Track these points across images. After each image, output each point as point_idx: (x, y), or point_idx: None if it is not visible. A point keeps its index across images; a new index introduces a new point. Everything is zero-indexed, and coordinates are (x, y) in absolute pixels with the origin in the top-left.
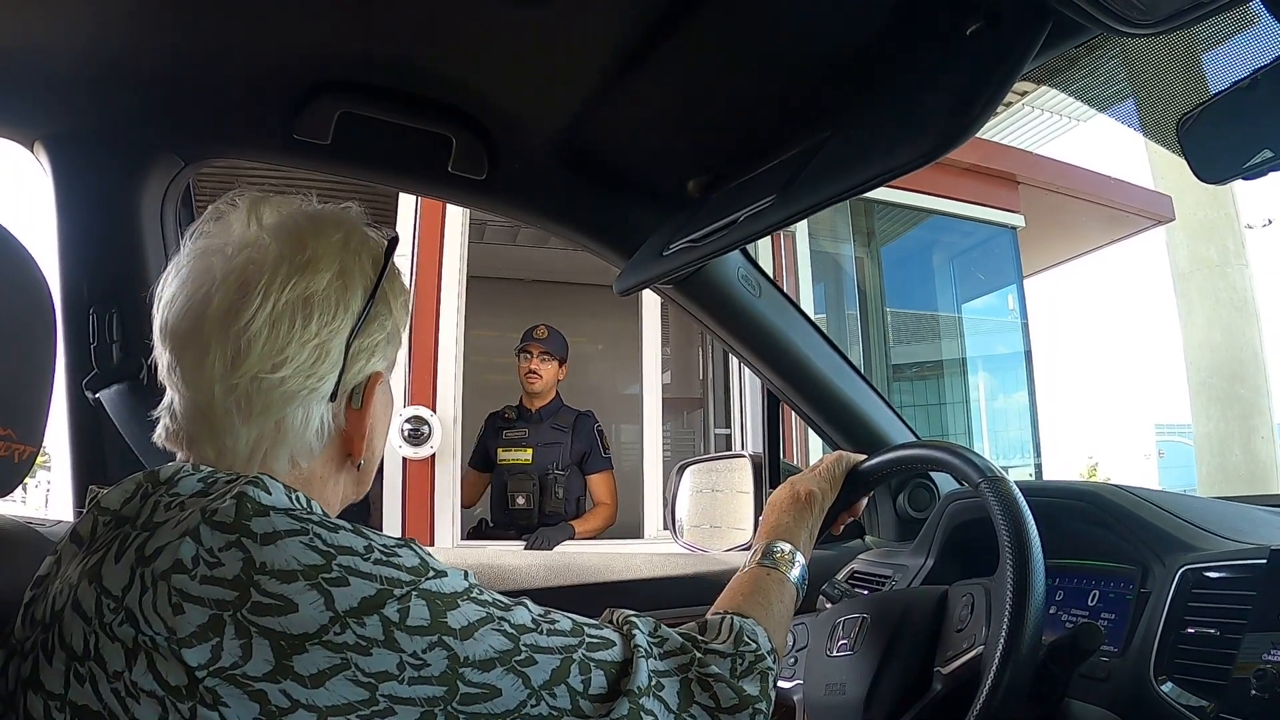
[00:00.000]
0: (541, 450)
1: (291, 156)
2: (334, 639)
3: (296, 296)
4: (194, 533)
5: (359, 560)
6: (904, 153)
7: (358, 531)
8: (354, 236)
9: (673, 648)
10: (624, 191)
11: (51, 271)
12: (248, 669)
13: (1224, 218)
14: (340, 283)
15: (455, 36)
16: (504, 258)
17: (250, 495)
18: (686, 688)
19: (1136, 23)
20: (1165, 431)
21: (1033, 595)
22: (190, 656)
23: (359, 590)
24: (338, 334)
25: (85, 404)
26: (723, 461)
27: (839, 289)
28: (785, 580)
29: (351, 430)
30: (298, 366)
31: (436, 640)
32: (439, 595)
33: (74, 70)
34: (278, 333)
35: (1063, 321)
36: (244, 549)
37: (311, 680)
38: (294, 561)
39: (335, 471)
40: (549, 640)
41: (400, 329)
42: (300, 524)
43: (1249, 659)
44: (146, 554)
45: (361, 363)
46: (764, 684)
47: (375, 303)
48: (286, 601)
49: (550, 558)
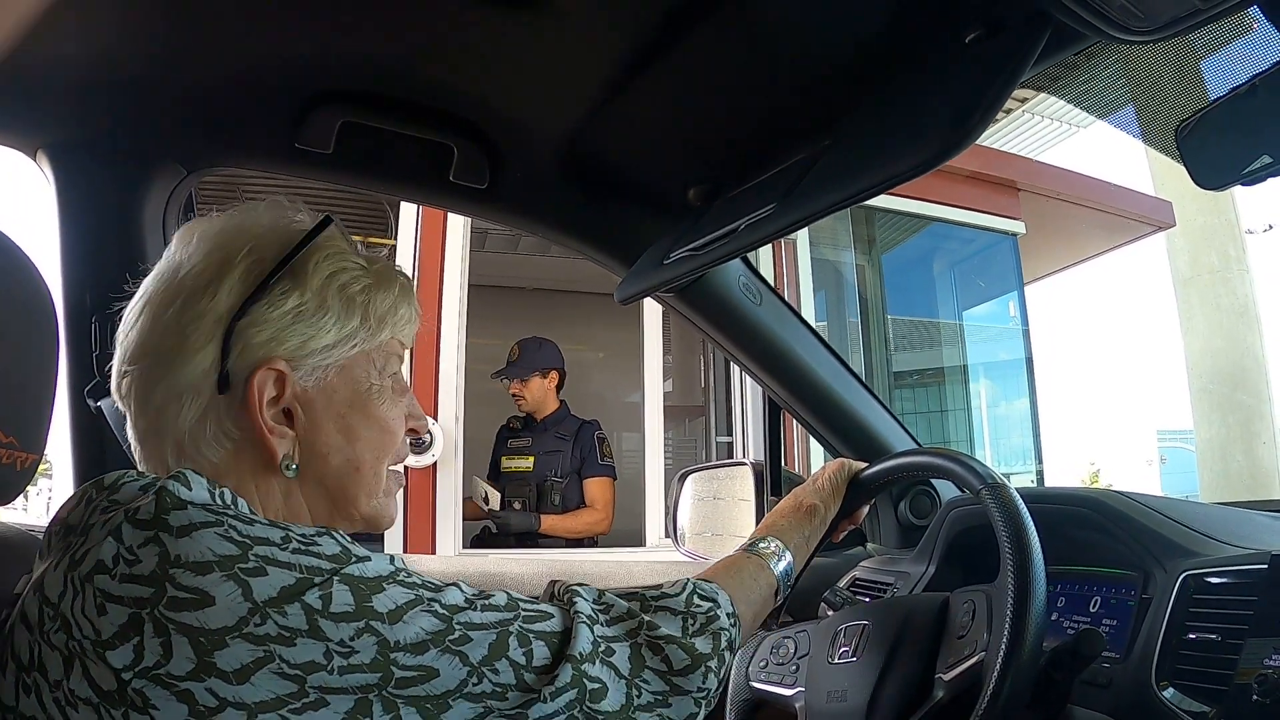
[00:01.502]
0: (543, 458)
1: (294, 166)
2: (255, 631)
3: (163, 287)
4: (115, 532)
5: (276, 550)
6: (903, 161)
7: (275, 524)
8: (257, 224)
9: (620, 613)
10: (625, 200)
11: (54, 280)
12: (170, 668)
13: (1224, 223)
14: (218, 266)
15: (456, 46)
16: (505, 266)
17: (169, 490)
18: (637, 652)
19: (1135, 29)
20: (1167, 438)
21: (1034, 602)
22: (114, 659)
23: (278, 579)
24: (203, 316)
25: (87, 412)
26: (724, 469)
27: (840, 296)
28: (765, 566)
29: (252, 424)
30: (159, 354)
31: (364, 625)
32: (362, 580)
33: (77, 79)
34: (141, 325)
35: (1064, 328)
36: (160, 543)
37: (236, 676)
38: (209, 553)
39: (267, 477)
40: (483, 617)
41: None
42: (216, 516)
43: (1251, 664)
44: (77, 558)
45: (241, 345)
46: (716, 643)
47: (277, 281)
48: (203, 595)
49: (552, 565)
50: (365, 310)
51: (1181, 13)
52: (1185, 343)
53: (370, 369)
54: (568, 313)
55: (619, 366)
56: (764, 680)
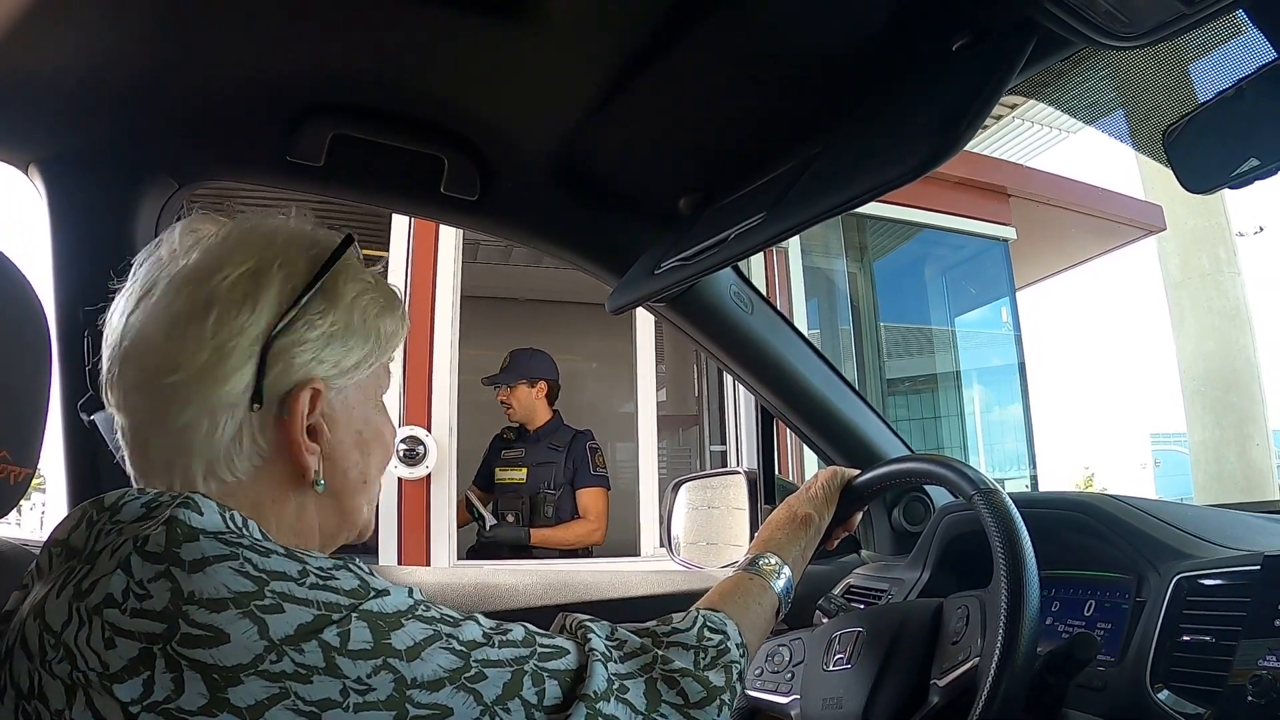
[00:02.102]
0: (536, 470)
1: (285, 178)
2: (270, 668)
3: (197, 297)
4: (125, 565)
5: (293, 585)
6: (892, 168)
7: (292, 555)
8: (283, 235)
9: (633, 648)
10: (615, 210)
11: (46, 293)
12: (181, 703)
13: (1215, 226)
14: (252, 280)
15: (447, 58)
16: (497, 277)
17: (180, 519)
18: (653, 687)
19: (1121, 35)
20: (1161, 441)
21: (1027, 606)
22: (121, 692)
23: (295, 617)
24: (241, 333)
25: (80, 426)
26: (718, 478)
27: (832, 304)
28: (767, 587)
29: (287, 442)
30: (194, 369)
31: (381, 663)
32: (381, 616)
33: (68, 93)
34: (172, 336)
35: (1057, 333)
36: (172, 579)
37: (250, 712)
38: (224, 589)
39: (284, 493)
40: (499, 653)
41: (366, 331)
42: (230, 548)
43: (1245, 666)
44: (83, 588)
45: (282, 365)
46: (729, 675)
47: (310, 300)
48: (217, 632)
49: (546, 576)
50: (378, 332)
51: (1166, 18)
52: (1177, 346)
53: (376, 386)
54: (560, 323)
55: (612, 376)
56: (759, 688)
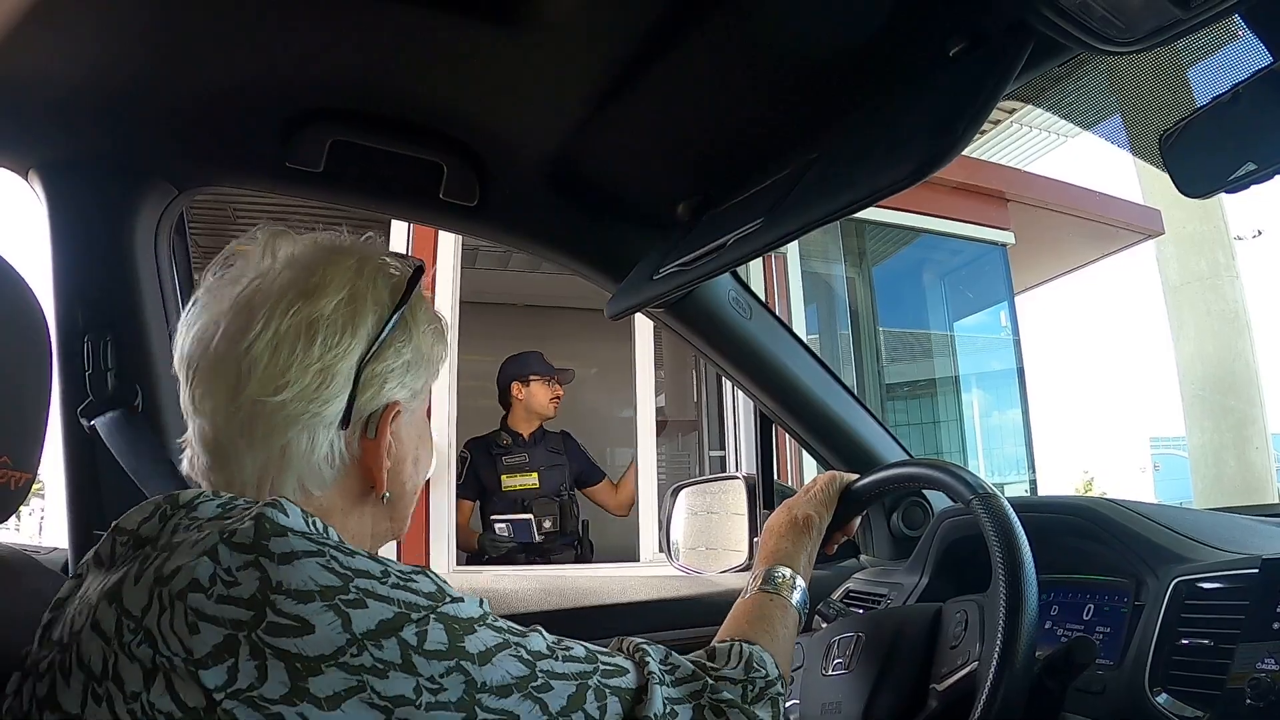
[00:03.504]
0: (546, 473)
1: (284, 184)
2: (351, 661)
3: (300, 320)
4: (212, 552)
5: (376, 584)
6: (889, 174)
7: (374, 557)
8: (369, 264)
9: (684, 675)
10: (614, 216)
11: (46, 299)
12: (264, 691)
13: (1213, 230)
14: (350, 307)
15: (445, 64)
16: (496, 283)
17: (269, 516)
18: (700, 714)
19: (1117, 41)
20: (1160, 445)
21: (1025, 610)
22: (207, 678)
23: (377, 613)
24: (344, 358)
25: (80, 431)
26: (717, 483)
27: (831, 309)
28: (788, 606)
29: (369, 460)
30: (300, 390)
31: (454, 665)
32: (456, 620)
33: (68, 99)
34: (279, 356)
35: (1055, 338)
36: (261, 568)
37: (328, 703)
38: (311, 582)
39: (356, 504)
40: (564, 667)
41: (429, 358)
42: (318, 546)
43: (1243, 669)
44: (165, 574)
45: (374, 389)
46: (775, 709)
47: (393, 329)
48: (303, 623)
49: (546, 581)
50: (435, 359)
51: (1162, 23)
52: (1176, 349)
53: (424, 407)
54: (559, 329)
55: (611, 382)
56: None
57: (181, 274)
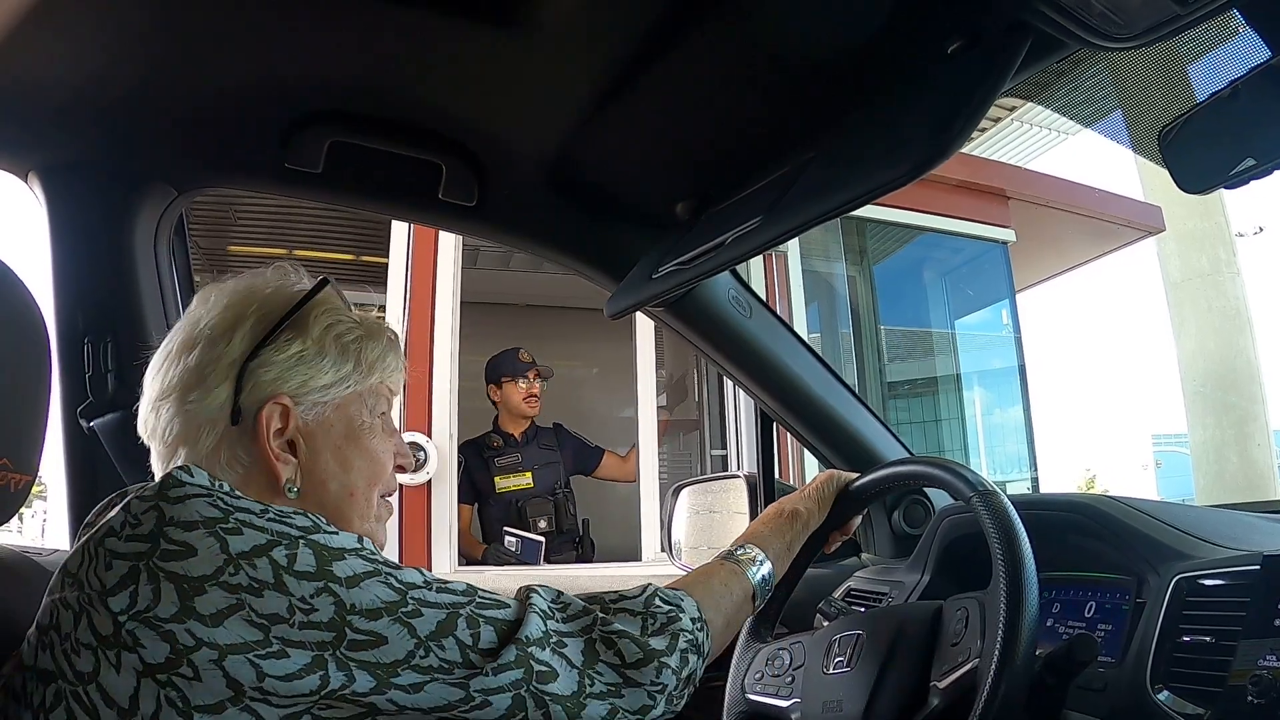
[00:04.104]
0: (540, 471)
1: (283, 185)
2: (229, 580)
3: (185, 337)
4: (125, 506)
5: (254, 517)
6: (887, 171)
7: (259, 502)
8: (263, 282)
9: (575, 611)
10: (613, 215)
11: (46, 301)
12: (158, 611)
13: (1214, 226)
14: (229, 315)
15: (444, 65)
16: (497, 283)
17: (174, 474)
18: (591, 646)
19: (1115, 37)
20: (1162, 442)
21: (1026, 607)
22: (114, 604)
23: (251, 538)
24: (219, 360)
25: (80, 433)
26: (718, 482)
27: (832, 308)
28: (739, 573)
29: (260, 453)
30: (179, 392)
31: (323, 586)
32: (326, 547)
33: (67, 102)
34: (166, 366)
35: (1057, 335)
36: (159, 509)
37: (211, 619)
38: (197, 514)
39: (267, 498)
40: (437, 597)
41: (331, 354)
42: (209, 491)
43: (1245, 666)
44: (96, 534)
45: (252, 384)
46: (674, 642)
47: (282, 329)
48: (188, 547)
49: (550, 581)
50: (358, 356)
51: (1161, 19)
52: (1178, 346)
53: (362, 408)
54: (560, 329)
55: (612, 382)
56: (760, 692)
57: (181, 276)
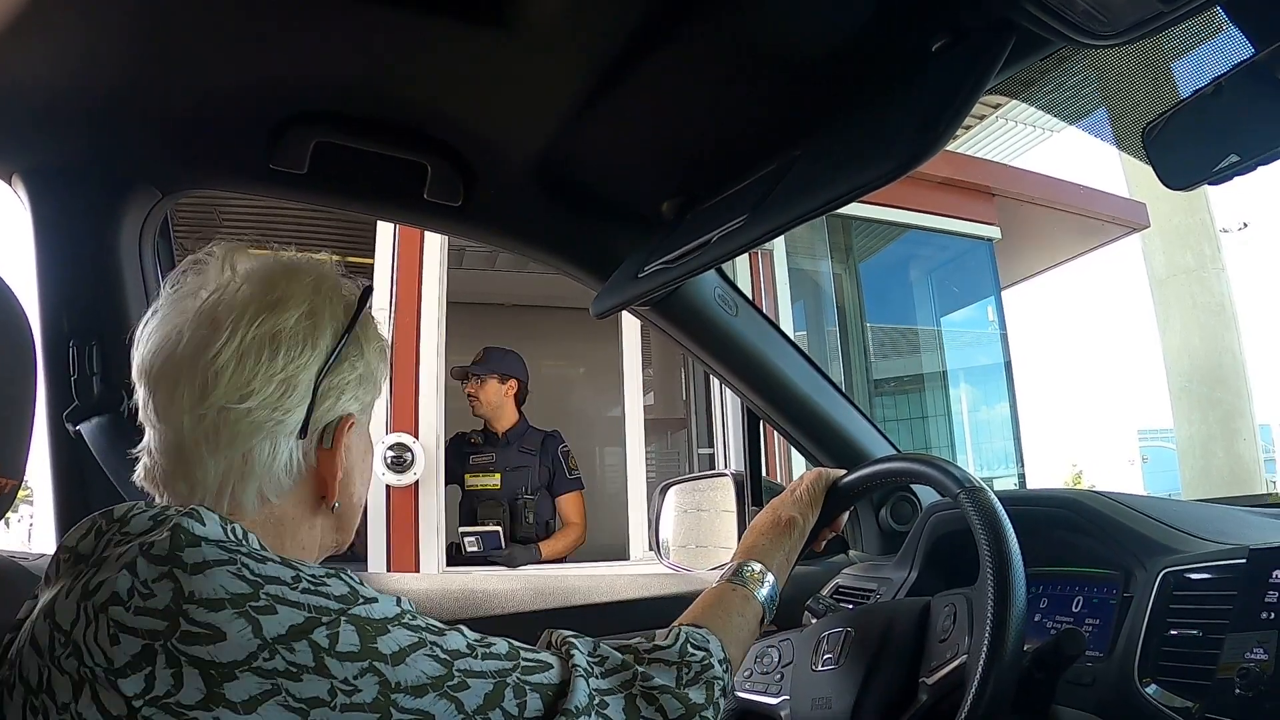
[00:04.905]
0: (510, 475)
1: (269, 186)
2: (264, 665)
3: (264, 332)
4: (131, 566)
5: (287, 589)
6: (872, 169)
7: (286, 564)
8: (325, 282)
9: (614, 665)
10: (599, 215)
11: (31, 304)
12: (181, 698)
13: (1199, 223)
14: (309, 322)
15: (428, 65)
16: (483, 283)
17: (184, 526)
18: (632, 703)
19: (1099, 34)
20: (1148, 437)
21: (1013, 603)
22: (126, 687)
23: (287, 618)
24: (305, 370)
25: (66, 436)
26: (705, 481)
27: (818, 306)
28: (750, 597)
29: (324, 470)
30: (264, 399)
31: (367, 666)
32: (369, 621)
33: (51, 104)
34: (244, 365)
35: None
36: (174, 579)
37: (244, 706)
38: (222, 590)
39: (309, 514)
40: (483, 665)
41: (375, 375)
42: (229, 554)
43: (1232, 659)
44: (90, 589)
45: (331, 401)
46: (710, 692)
47: (346, 345)
48: (215, 631)
49: (536, 581)
50: (379, 377)
51: (1145, 16)
52: (1163, 342)
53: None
54: (546, 328)
55: (599, 381)
56: (749, 690)
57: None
